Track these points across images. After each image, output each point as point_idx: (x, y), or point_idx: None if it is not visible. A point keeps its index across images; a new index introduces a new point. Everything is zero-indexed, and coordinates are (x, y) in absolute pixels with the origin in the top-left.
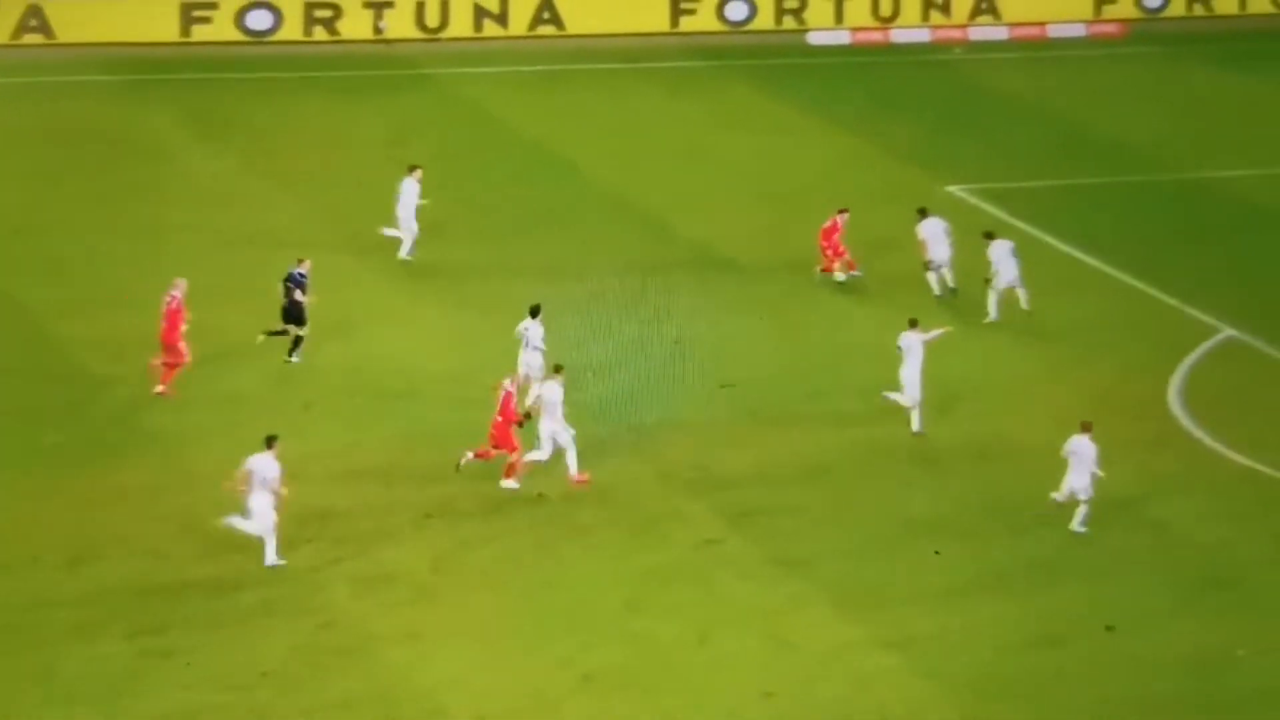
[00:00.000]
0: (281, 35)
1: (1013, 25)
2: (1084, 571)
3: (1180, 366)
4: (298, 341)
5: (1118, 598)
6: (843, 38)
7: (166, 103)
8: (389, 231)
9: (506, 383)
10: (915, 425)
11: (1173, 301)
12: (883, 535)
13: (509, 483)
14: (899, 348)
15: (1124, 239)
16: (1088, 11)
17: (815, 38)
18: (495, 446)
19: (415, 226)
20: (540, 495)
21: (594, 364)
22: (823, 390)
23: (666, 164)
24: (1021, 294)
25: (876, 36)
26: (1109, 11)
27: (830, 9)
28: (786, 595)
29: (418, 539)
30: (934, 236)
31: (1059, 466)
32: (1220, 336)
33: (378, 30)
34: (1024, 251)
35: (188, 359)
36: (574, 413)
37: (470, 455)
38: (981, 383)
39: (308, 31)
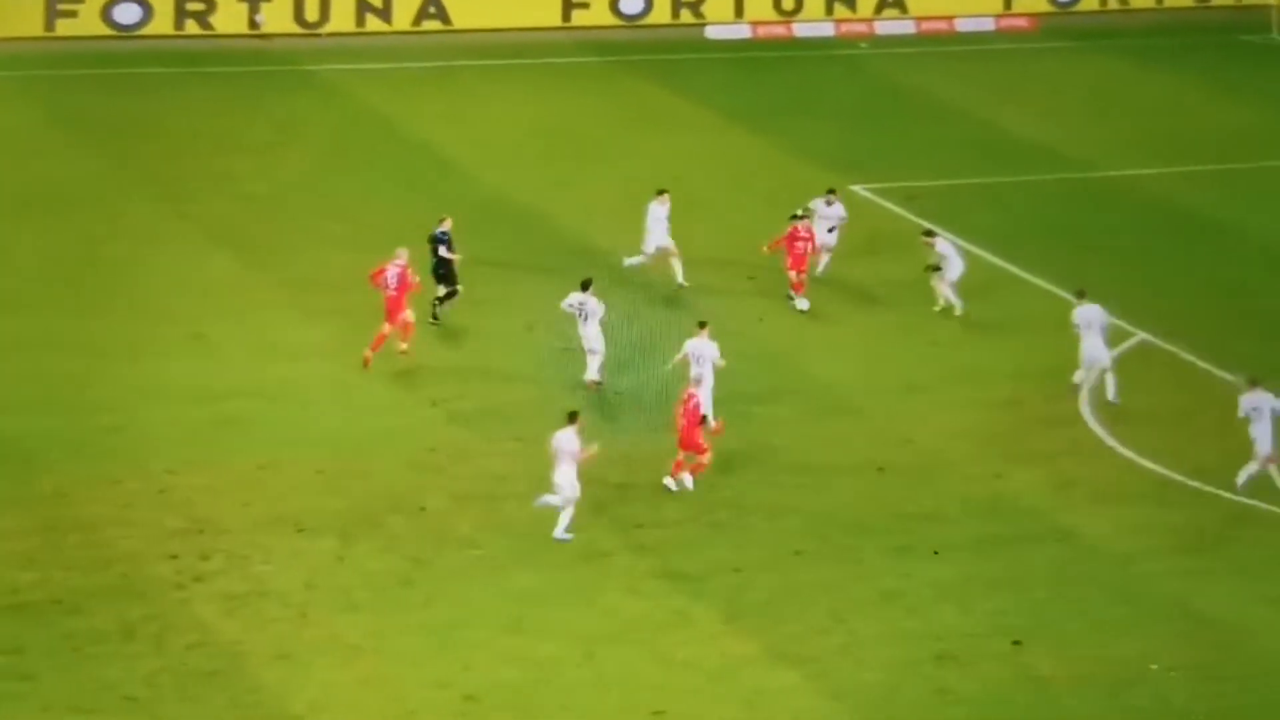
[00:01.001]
0: (151, 29)
1: (920, 19)
2: (989, 585)
3: (1093, 372)
4: (450, 295)
5: (1025, 612)
6: (743, 32)
7: (32, 101)
8: (631, 261)
9: (692, 387)
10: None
11: None
12: (776, 548)
13: (682, 480)
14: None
15: (1035, 240)
16: (997, 5)
17: (714, 32)
18: (685, 447)
19: (668, 245)
20: (422, 509)
21: (482, 369)
22: (716, 398)
23: (560, 164)
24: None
25: (779, 31)
26: (1019, 5)
27: (729, 2)
28: (676, 611)
29: (291, 554)
30: (949, 254)
31: (957, 477)
32: (1133, 341)
33: (254, 25)
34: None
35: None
36: (459, 422)
37: (674, 480)
38: (881, 389)
39: (179, 25)
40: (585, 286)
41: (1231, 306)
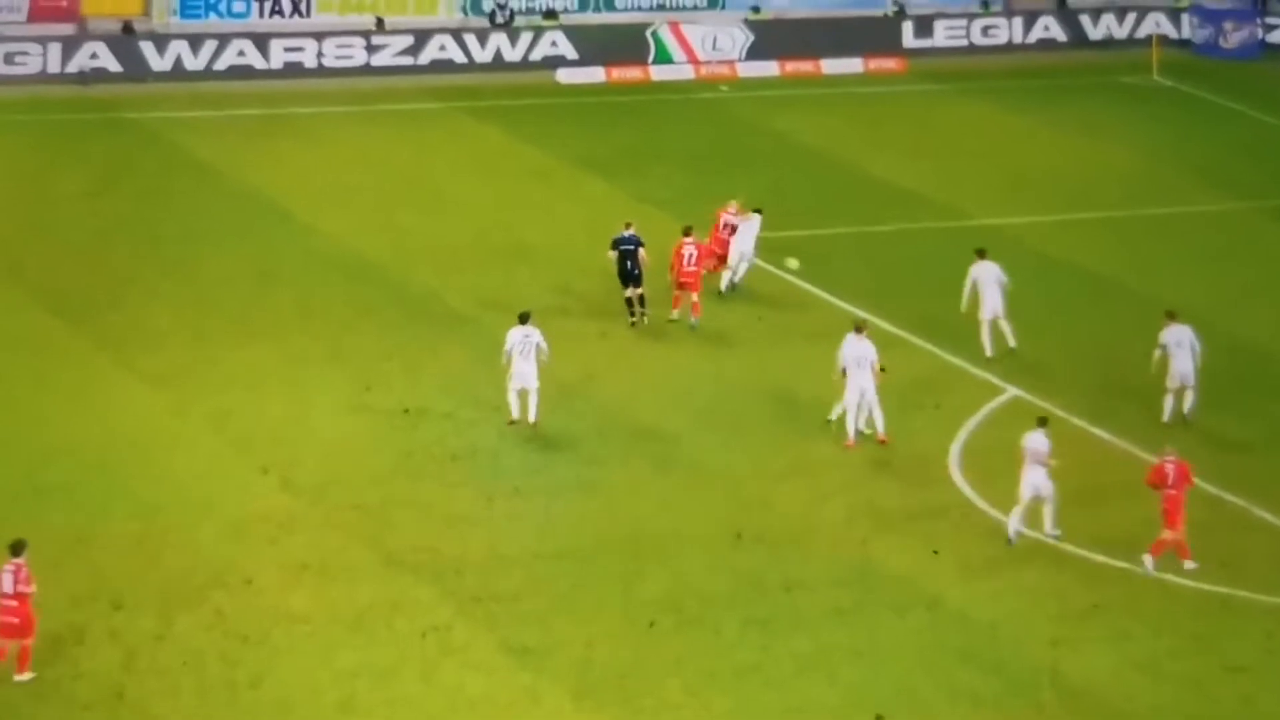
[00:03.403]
0: None
1: (784, 60)
2: (852, 655)
3: (961, 430)
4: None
5: (888, 683)
6: (597, 75)
7: None
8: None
9: (1169, 465)
10: None
11: (956, 360)
12: (626, 620)
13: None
14: None
15: (903, 292)
16: (866, 45)
17: (566, 75)
18: (1170, 524)
19: (751, 260)
20: (248, 582)
21: (317, 432)
22: (551, 463)
23: (401, 213)
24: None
25: (635, 74)
26: (888, 46)
27: (580, 45)
28: (520, 687)
29: (107, 633)
30: (986, 280)
31: (820, 542)
32: (1004, 397)
33: (82, 75)
34: (796, 308)
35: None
36: (292, 489)
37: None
38: (741, 450)
39: None
40: (524, 319)
41: (1108, 360)
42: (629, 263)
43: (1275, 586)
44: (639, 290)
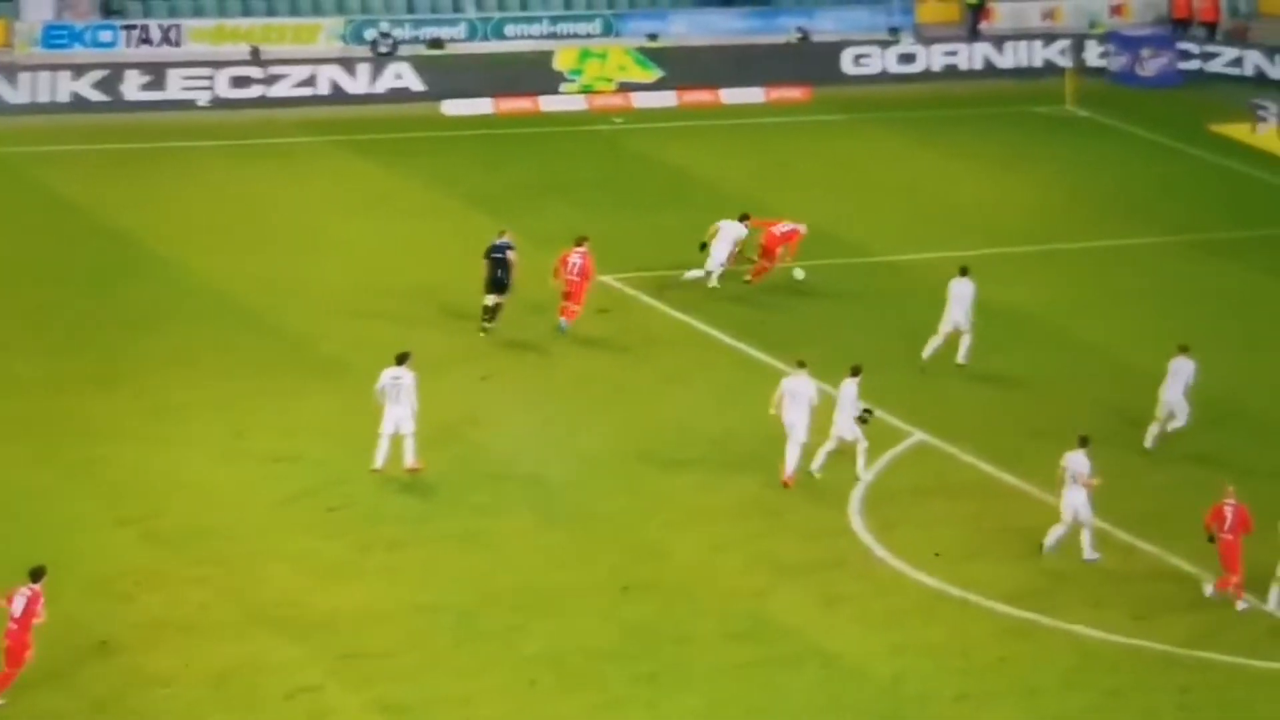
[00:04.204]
0: None
1: (682, 90)
2: (746, 713)
3: (863, 477)
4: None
5: None
6: (484, 106)
7: None
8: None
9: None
10: None
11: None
12: (507, 677)
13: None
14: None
15: (802, 330)
16: (769, 75)
17: (451, 107)
18: (1228, 568)
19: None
20: (103, 643)
21: (182, 482)
22: (431, 513)
23: (276, 253)
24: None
25: (524, 105)
26: (791, 76)
27: (469, 78)
28: None
29: None
30: (957, 298)
31: (713, 594)
32: (909, 441)
33: None
34: (688, 348)
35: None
36: (154, 542)
37: (1213, 589)
38: (628, 501)
39: None
40: (401, 360)
41: (1019, 401)
42: (499, 271)
43: (1190, 639)
44: (500, 299)
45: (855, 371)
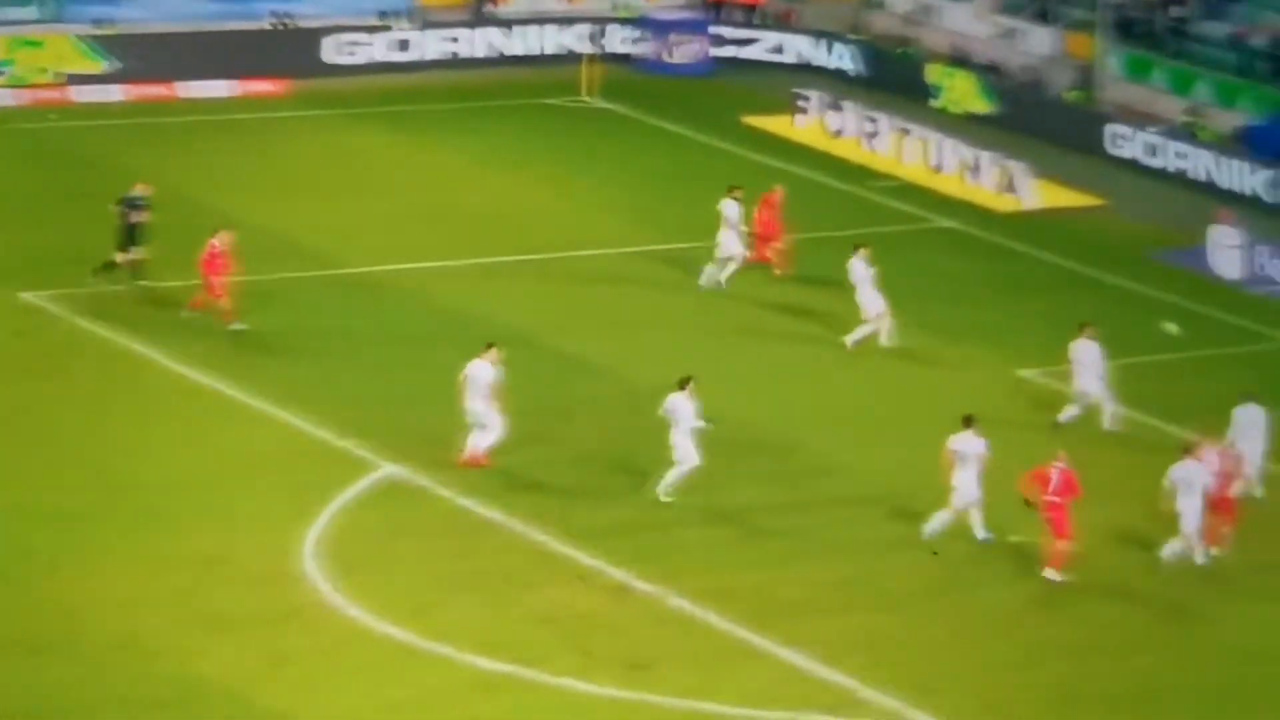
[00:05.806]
0: None
1: (131, 83)
2: None
3: (323, 514)
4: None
5: None
6: None
7: None
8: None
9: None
10: None
11: (320, 434)
12: None
13: (1051, 574)
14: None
15: (258, 353)
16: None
17: None
18: (1058, 534)
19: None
20: None
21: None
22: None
23: None
24: None
25: None
26: (266, 66)
27: None
28: None
29: None
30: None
31: (133, 657)
32: (378, 475)
33: None
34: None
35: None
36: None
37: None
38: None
39: None
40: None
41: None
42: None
43: (692, 689)
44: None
45: None
